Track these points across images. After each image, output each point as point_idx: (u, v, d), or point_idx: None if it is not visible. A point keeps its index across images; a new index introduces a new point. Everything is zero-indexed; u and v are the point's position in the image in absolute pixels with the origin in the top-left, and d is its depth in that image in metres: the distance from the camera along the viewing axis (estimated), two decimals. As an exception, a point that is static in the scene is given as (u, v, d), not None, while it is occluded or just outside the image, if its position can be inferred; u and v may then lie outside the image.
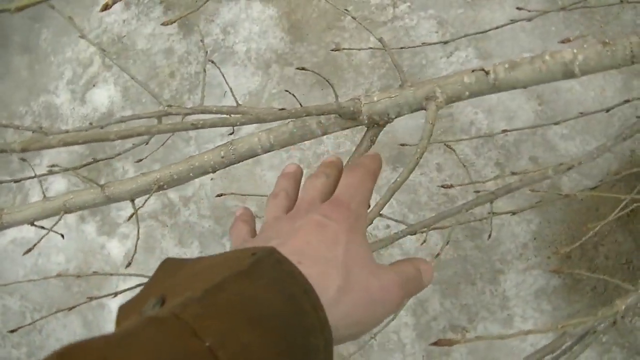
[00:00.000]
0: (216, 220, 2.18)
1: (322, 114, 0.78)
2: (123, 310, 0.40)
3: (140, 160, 1.49)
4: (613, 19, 2.05)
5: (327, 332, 0.40)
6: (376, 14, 2.19)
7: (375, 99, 0.80)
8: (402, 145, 1.69)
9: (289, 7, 2.27)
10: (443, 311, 1.95)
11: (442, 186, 1.33)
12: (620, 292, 1.92)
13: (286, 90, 1.21)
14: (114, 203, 0.87)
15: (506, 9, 2.11)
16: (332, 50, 1.59)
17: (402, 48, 2.11)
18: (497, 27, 1.50)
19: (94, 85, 2.44)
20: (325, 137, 0.82)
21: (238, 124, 0.70)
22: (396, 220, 1.40)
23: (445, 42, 1.76)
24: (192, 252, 2.18)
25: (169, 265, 0.43)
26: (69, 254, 2.31)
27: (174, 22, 0.75)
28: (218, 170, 0.86)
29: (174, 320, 0.34)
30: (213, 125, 0.72)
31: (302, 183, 0.59)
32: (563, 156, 1.98)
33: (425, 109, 0.80)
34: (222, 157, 0.84)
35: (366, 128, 0.82)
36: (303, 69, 1.14)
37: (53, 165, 1.00)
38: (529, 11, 1.50)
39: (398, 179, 0.76)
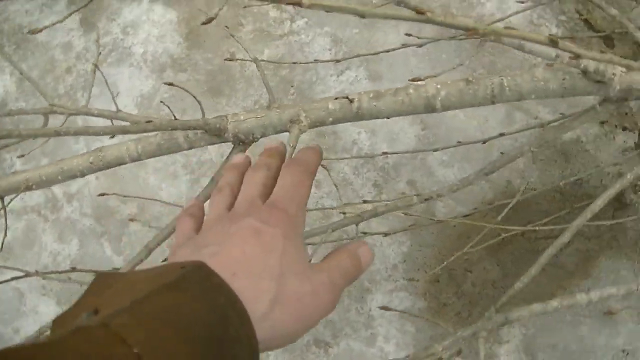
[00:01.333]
0: (97, 219, 2.17)
1: (189, 129, 0.79)
2: (56, 323, 0.41)
3: (23, 155, 1.48)
4: (503, 51, 2.10)
5: (254, 342, 0.41)
6: (273, 27, 2.21)
7: (242, 118, 0.81)
8: None
9: (190, 13, 2.27)
10: (308, 326, 1.97)
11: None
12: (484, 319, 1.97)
13: (161, 102, 1.21)
14: None
15: (400, 32, 2.15)
16: (226, 59, 1.60)
17: (294, 63, 2.14)
18: (388, 50, 1.52)
19: (-11, 74, 2.41)
20: (209, 145, 0.83)
21: (102, 133, 0.71)
22: None
23: (337, 61, 1.79)
24: (70, 249, 2.16)
25: (103, 280, 0.43)
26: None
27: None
28: (87, 175, 0.87)
29: (103, 328, 0.35)
30: (77, 133, 0.73)
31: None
32: (440, 182, 2.02)
33: (289, 132, 0.82)
34: (91, 163, 0.85)
35: (233, 145, 0.84)
36: (171, 84, 1.14)
37: None
38: (418, 37, 1.52)
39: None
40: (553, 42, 0.58)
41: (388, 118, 0.81)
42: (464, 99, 0.80)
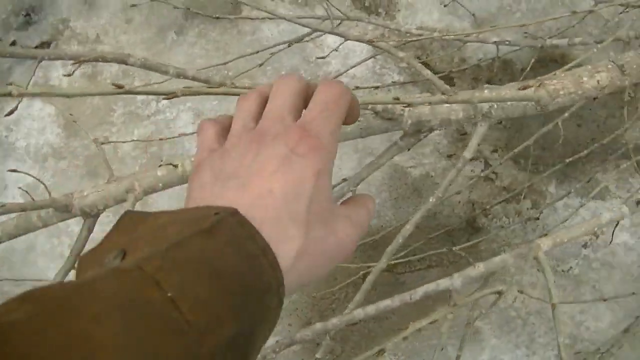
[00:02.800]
0: (-6, 307, 2.29)
1: (38, 209, 0.86)
2: (83, 262, 0.41)
3: None
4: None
5: (282, 291, 0.41)
6: (141, 109, 2.39)
7: (85, 193, 0.89)
8: None
9: (65, 105, 2.45)
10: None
11: None
12: (357, 353, 2.10)
13: (19, 187, 1.29)
14: None
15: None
16: (101, 143, 1.76)
17: (161, 139, 2.31)
18: None
19: None
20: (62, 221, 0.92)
21: None
22: None
23: None
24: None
25: (130, 219, 0.42)
26: None
27: None
28: None
29: (137, 271, 0.35)
30: None
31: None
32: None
33: (125, 200, 0.89)
34: None
35: (83, 219, 0.91)
36: (25, 174, 1.26)
37: None
38: None
39: None
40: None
41: None
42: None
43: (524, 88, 0.88)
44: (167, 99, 0.53)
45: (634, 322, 1.13)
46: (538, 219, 2.16)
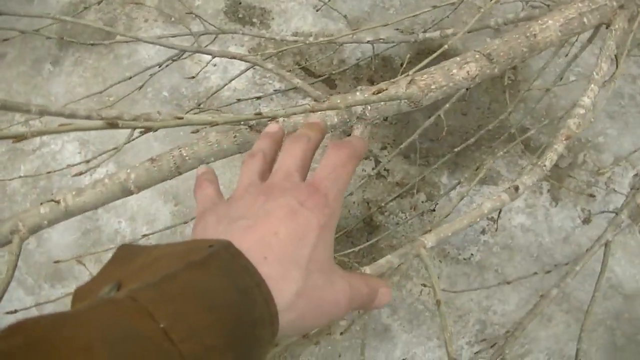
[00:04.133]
0: None
1: None
2: (78, 294, 0.41)
3: None
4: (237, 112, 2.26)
5: (275, 325, 0.41)
6: (26, 144, 2.33)
7: None
8: (57, 262, 1.78)
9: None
10: None
11: None
12: None
13: None
14: None
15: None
16: None
17: (48, 173, 2.25)
18: (129, 141, 1.64)
19: None
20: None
21: None
22: None
23: (87, 161, 1.89)
24: None
25: (126, 252, 0.42)
26: None
27: None
28: None
29: (130, 302, 0.35)
30: None
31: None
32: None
33: (12, 242, 0.82)
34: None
35: None
36: None
37: None
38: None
39: None
40: (111, 124, 0.59)
41: (96, 208, 0.86)
42: (152, 176, 0.85)
43: (380, 91, 0.87)
44: (16, 141, 0.51)
45: (538, 302, 1.14)
46: (434, 210, 2.18)
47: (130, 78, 1.76)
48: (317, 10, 2.22)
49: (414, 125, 2.24)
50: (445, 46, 1.04)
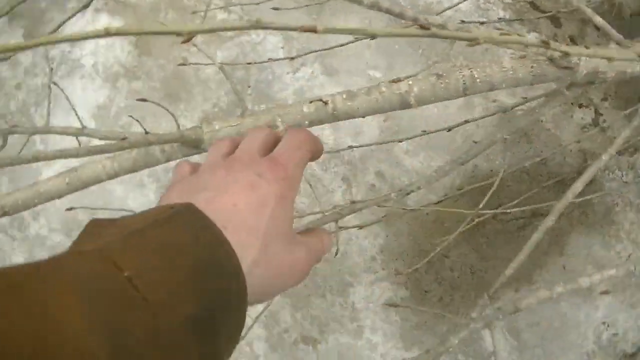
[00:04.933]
0: (67, 233, 2.08)
1: (165, 143, 0.77)
2: None
3: None
4: (455, 45, 2.13)
5: (241, 278, 0.42)
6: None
7: (217, 127, 0.79)
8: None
9: (136, 20, 2.22)
10: (294, 323, 1.93)
11: None
12: (467, 302, 1.98)
13: (130, 116, 1.17)
14: None
15: (351, 26, 2.15)
16: (180, 65, 1.55)
17: (249, 64, 2.11)
18: (341, 45, 1.52)
19: None
20: (186, 157, 0.81)
21: (79, 156, 0.69)
22: None
23: (292, 58, 1.77)
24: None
25: (95, 225, 0.43)
26: None
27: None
28: (64, 196, 0.84)
29: (97, 252, 0.36)
30: (55, 157, 0.70)
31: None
32: (408, 171, 2.03)
33: None
34: (67, 184, 0.82)
35: None
36: (144, 100, 1.11)
37: None
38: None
39: None
40: (545, 43, 0.59)
41: (363, 117, 0.81)
42: (436, 93, 0.81)
43: None
44: (306, 30, 0.49)
45: None
46: (652, 171, 2.07)
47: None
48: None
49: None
50: None
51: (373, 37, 0.57)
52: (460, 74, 0.81)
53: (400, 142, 2.01)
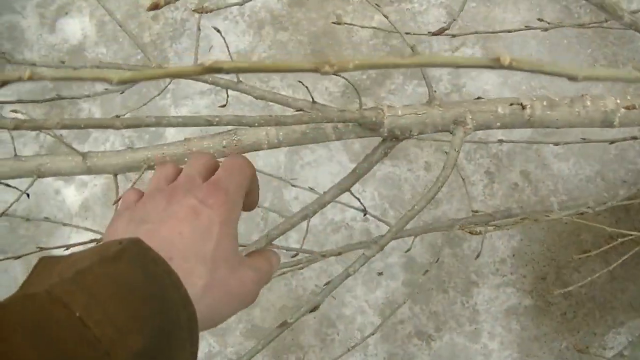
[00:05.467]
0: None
1: (343, 122, 0.72)
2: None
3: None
4: (626, 42, 1.98)
5: (190, 308, 0.43)
6: (386, -7, 2.06)
7: (400, 113, 0.75)
8: None
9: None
10: (411, 316, 1.88)
11: (463, 229, 1.24)
12: (590, 322, 1.90)
13: (299, 81, 1.10)
14: (95, 175, 0.81)
15: (520, 11, 2.02)
16: (333, 22, 1.46)
17: (407, 34, 1.99)
18: (510, 31, 1.41)
19: (66, 13, 2.23)
20: (358, 138, 0.78)
21: (256, 125, 0.63)
22: (380, 220, 1.31)
23: (454, 36, 1.65)
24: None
25: (45, 264, 0.43)
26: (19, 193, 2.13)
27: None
28: (216, 158, 0.79)
29: (45, 294, 0.37)
30: (229, 123, 0.63)
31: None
32: (554, 176, 1.92)
33: (451, 133, 0.76)
34: (224, 147, 0.77)
35: (382, 139, 0.78)
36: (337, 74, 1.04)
37: (16, 111, 0.91)
38: (548, 22, 1.41)
39: (416, 207, 0.72)
40: None
41: (557, 128, 0.76)
42: None
43: None
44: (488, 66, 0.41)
45: None
46: None
47: None
48: None
49: None
50: None
51: (546, 29, 0.48)
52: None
53: (556, 145, 1.90)
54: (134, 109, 1.39)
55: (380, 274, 1.89)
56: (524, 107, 0.75)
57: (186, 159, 0.76)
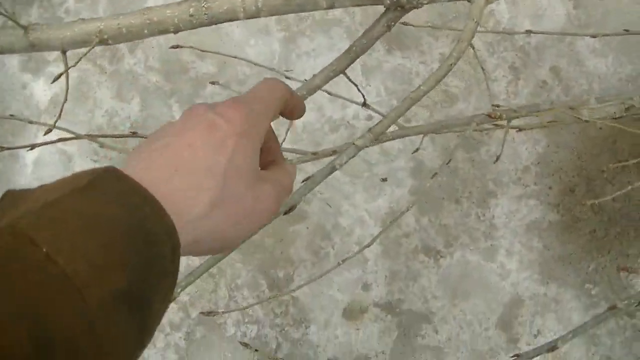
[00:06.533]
0: (166, 75, 1.81)
1: None
2: None
3: None
4: None
5: (174, 238, 0.40)
6: None
7: None
8: (404, 24, 1.37)
9: None
10: (418, 228, 1.65)
11: (490, 115, 1.05)
12: (623, 242, 1.66)
13: None
14: (39, 52, 0.72)
15: None
16: None
17: None
18: None
19: None
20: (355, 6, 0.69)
21: None
22: (380, 114, 1.13)
23: None
24: (131, 109, 1.81)
25: (10, 197, 0.38)
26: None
27: None
28: (182, 31, 0.69)
29: (9, 229, 0.34)
30: None
31: None
32: (590, 74, 1.68)
33: (469, 1, 0.66)
34: (191, 16, 0.68)
35: (385, 9, 0.68)
36: None
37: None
38: None
39: (422, 87, 0.67)
40: None
41: None
42: None
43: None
44: None
45: None
46: None
47: None
48: None
49: None
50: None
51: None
52: None
53: (594, 37, 1.65)
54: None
55: (384, 179, 1.66)
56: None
57: (145, 31, 0.69)
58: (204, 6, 0.68)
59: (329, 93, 1.24)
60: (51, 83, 0.65)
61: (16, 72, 1.89)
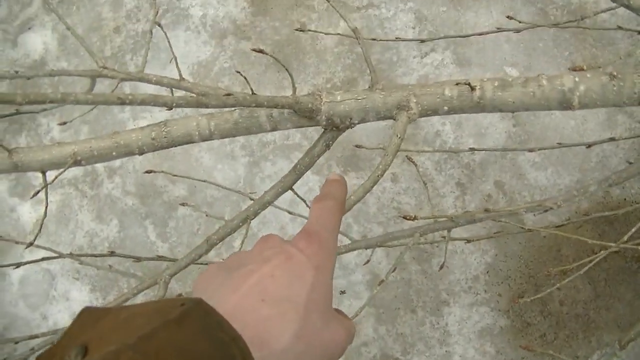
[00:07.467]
0: (141, 198, 1.94)
1: (275, 107, 0.68)
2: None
3: (65, 123, 1.27)
4: (607, 44, 1.86)
5: None
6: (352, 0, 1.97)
7: (339, 98, 0.72)
8: (357, 146, 1.49)
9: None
10: (376, 337, 1.75)
11: (404, 217, 1.14)
12: (572, 345, 1.75)
13: (237, 72, 1.04)
14: (22, 172, 0.80)
15: (493, 14, 1.91)
16: (297, 30, 1.38)
17: (373, 39, 1.89)
18: (480, 34, 1.33)
19: (29, 28, 2.18)
20: (296, 128, 0.78)
21: (174, 105, 0.60)
22: (340, 233, 1.21)
23: (422, 41, 1.55)
24: (109, 230, 1.94)
25: (89, 314, 0.40)
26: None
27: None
28: (146, 152, 0.77)
29: (111, 355, 0.34)
30: (143, 102, 0.60)
31: None
32: (532, 186, 1.80)
33: (394, 119, 0.72)
34: (153, 139, 0.75)
35: (323, 130, 0.75)
36: (261, 51, 1.01)
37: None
38: (519, 22, 1.32)
39: (352, 197, 0.70)
40: None
41: (513, 112, 0.73)
42: (606, 96, 0.68)
43: None
44: None
45: None
46: None
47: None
48: None
49: None
50: None
51: (518, 31, 0.41)
52: (638, 77, 0.67)
53: (531, 151, 1.78)
54: (93, 121, 1.32)
55: (342, 292, 1.76)
56: (473, 89, 0.70)
57: (114, 153, 0.76)
58: (164, 130, 0.74)
59: (290, 212, 1.35)
60: (31, 198, 0.75)
61: (6, 197, 2.03)
